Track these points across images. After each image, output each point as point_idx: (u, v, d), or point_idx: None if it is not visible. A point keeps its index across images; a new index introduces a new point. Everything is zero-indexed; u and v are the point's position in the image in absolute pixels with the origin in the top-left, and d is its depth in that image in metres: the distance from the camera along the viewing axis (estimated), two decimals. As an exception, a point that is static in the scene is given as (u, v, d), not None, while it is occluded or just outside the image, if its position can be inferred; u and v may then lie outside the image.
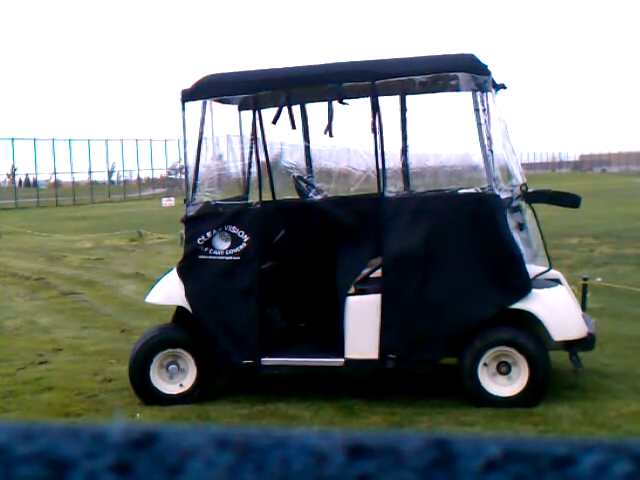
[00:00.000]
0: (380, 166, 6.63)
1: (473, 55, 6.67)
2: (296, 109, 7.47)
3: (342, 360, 6.62)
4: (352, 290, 6.62)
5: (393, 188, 6.75)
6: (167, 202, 34.73)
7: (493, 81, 6.74)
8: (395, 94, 7.40)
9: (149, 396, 6.89)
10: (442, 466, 0.46)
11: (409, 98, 7.42)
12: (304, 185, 7.26)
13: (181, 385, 6.91)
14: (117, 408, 6.69)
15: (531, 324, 6.53)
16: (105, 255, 18.51)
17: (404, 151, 7.43)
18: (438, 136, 7.19)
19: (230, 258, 6.77)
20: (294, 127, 7.23)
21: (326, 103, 7.17)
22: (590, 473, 0.45)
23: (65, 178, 57.01)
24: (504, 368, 6.50)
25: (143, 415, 6.57)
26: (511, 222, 6.61)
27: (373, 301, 6.53)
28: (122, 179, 60.87)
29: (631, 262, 13.94)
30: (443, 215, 6.52)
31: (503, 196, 6.54)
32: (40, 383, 7.55)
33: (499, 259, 6.43)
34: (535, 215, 6.90)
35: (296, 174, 7.54)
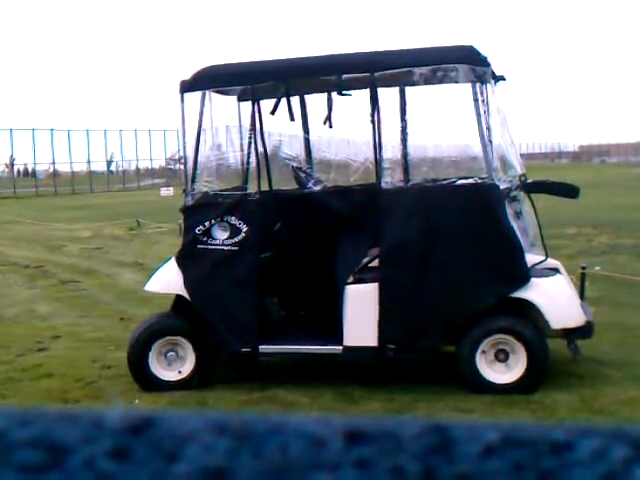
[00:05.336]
0: (378, 157, 6.64)
1: (472, 47, 6.66)
2: (295, 100, 7.47)
3: (340, 348, 6.64)
4: (351, 279, 6.64)
5: (390, 179, 6.76)
6: (165, 192, 34.73)
7: (492, 73, 6.74)
8: (394, 86, 7.39)
9: (148, 383, 6.92)
10: (441, 452, 0.46)
11: (408, 90, 7.41)
12: (303, 175, 7.28)
13: (180, 372, 6.93)
14: (116, 394, 6.70)
15: (530, 312, 6.54)
16: (104, 244, 18.51)
17: (403, 142, 7.43)
18: (437, 127, 7.19)
19: (229, 248, 6.78)
20: (293, 119, 7.21)
21: (325, 94, 7.16)
22: (588, 458, 0.45)
23: (64, 168, 56.90)
24: (502, 355, 6.52)
25: (142, 401, 6.59)
26: (509, 212, 6.62)
27: (371, 290, 6.54)
28: (121, 169, 60.77)
29: (629, 252, 13.96)
30: (441, 205, 6.54)
31: (502, 186, 6.55)
32: (39, 370, 7.57)
33: (498, 249, 6.44)
34: (533, 205, 6.91)
35: (295, 164, 7.55)
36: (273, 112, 6.95)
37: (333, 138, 7.78)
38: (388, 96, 7.25)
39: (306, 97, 7.91)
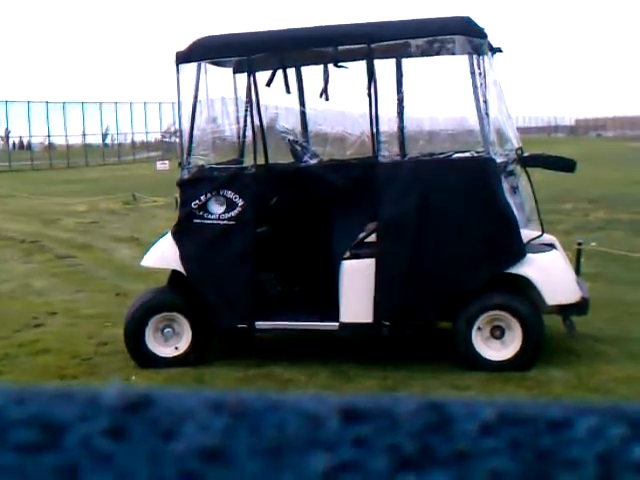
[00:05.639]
0: (374, 130, 6.62)
1: (469, 18, 6.64)
2: (291, 73, 7.44)
3: (337, 324, 6.64)
4: (347, 254, 6.63)
5: (387, 152, 6.74)
6: (161, 165, 34.65)
7: (489, 44, 6.71)
8: (391, 57, 7.36)
9: (144, 359, 6.92)
10: (437, 429, 0.46)
11: (405, 61, 7.38)
12: (299, 149, 7.25)
13: (176, 348, 6.93)
14: (112, 371, 6.72)
15: (525, 289, 6.55)
16: (99, 218, 18.48)
17: (400, 115, 7.40)
18: (434, 100, 7.17)
19: (225, 222, 6.77)
20: (289, 91, 7.19)
21: (321, 66, 7.12)
22: (586, 437, 0.45)
23: (59, 141, 56.63)
24: (498, 332, 6.53)
25: (138, 378, 6.60)
26: (506, 186, 6.61)
27: (368, 265, 6.54)
28: (116, 142, 60.52)
29: (626, 227, 13.96)
30: (438, 179, 6.52)
31: (499, 160, 6.54)
32: (36, 346, 7.58)
33: (494, 224, 6.44)
34: (529, 179, 6.90)
35: (291, 138, 7.52)
36: (269, 84, 6.93)
37: (329, 111, 7.76)
38: (385, 68, 7.23)
39: (302, 69, 7.87)
